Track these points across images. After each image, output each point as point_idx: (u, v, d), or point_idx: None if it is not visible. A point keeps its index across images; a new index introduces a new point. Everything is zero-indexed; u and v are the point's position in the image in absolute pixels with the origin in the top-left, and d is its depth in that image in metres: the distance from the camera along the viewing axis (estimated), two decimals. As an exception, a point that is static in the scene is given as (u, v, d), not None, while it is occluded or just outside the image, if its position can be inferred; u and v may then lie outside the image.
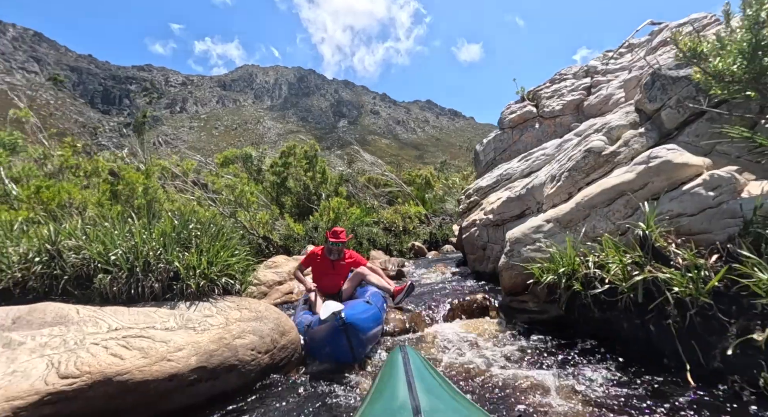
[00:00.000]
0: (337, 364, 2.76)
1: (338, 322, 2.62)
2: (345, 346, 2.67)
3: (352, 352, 2.70)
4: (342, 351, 2.70)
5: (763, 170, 2.79)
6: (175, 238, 2.99)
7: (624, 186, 2.89)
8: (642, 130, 3.29)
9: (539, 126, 6.82)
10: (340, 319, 2.62)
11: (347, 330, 2.63)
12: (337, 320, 2.62)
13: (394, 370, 1.34)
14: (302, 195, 11.99)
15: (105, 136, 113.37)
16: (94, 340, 2.05)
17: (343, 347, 2.68)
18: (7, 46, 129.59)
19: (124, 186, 7.05)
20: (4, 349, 1.90)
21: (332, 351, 2.77)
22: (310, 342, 2.94)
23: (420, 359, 1.45)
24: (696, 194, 2.53)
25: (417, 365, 1.35)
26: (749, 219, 2.19)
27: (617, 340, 2.54)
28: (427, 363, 1.47)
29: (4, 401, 1.61)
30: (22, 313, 2.23)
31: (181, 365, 2.12)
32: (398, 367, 1.33)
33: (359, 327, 2.71)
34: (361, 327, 2.73)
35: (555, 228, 3.21)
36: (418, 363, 1.38)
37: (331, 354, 2.79)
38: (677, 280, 2.09)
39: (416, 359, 1.42)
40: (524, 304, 3.32)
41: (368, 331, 2.84)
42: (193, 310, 2.65)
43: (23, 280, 2.65)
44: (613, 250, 2.54)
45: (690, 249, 2.29)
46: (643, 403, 1.85)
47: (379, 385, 1.34)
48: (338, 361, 2.76)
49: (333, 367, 2.77)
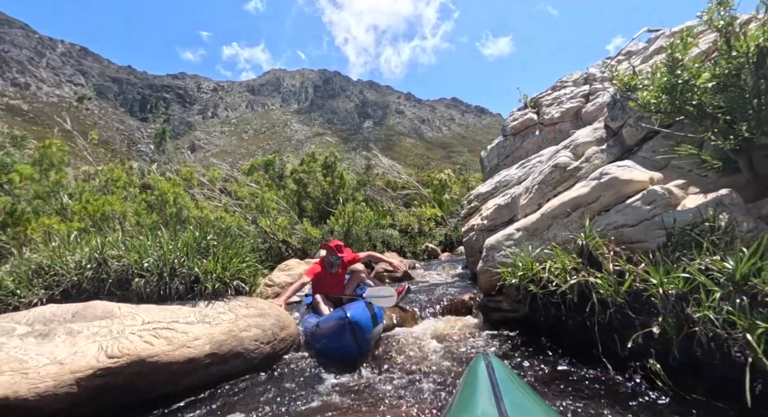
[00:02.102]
0: (343, 359, 3.06)
1: (344, 321, 2.96)
2: (351, 343, 3.00)
3: (358, 348, 3.03)
4: (348, 347, 3.01)
5: (708, 183, 3.07)
6: (196, 248, 3.59)
7: (580, 199, 3.24)
8: (604, 146, 3.61)
9: (540, 133, 7.09)
10: (346, 318, 2.96)
11: (353, 328, 2.97)
12: (344, 319, 2.96)
13: (478, 380, 1.26)
14: (321, 200, 12.62)
15: (143, 143, 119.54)
16: (131, 331, 2.65)
17: (349, 344, 3.00)
18: (56, 61, 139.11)
19: (156, 197, 7.86)
20: (68, 336, 2.53)
21: (339, 347, 3.07)
22: (317, 340, 3.26)
23: (505, 368, 1.36)
24: (636, 208, 2.87)
25: (502, 375, 1.26)
26: (670, 231, 2.52)
27: (565, 335, 2.91)
28: (512, 372, 1.38)
29: (69, 373, 2.22)
30: (78, 309, 2.87)
31: (198, 351, 2.68)
32: (482, 378, 1.25)
33: (363, 325, 3.03)
34: (364, 325, 3.05)
35: (524, 236, 3.58)
36: (503, 373, 1.29)
37: (339, 350, 3.09)
38: (601, 284, 2.45)
39: (501, 368, 1.32)
40: (499, 304, 3.71)
41: (371, 329, 3.20)
42: (210, 308, 3.22)
43: (78, 283, 3.32)
44: (561, 257, 2.91)
45: (622, 257, 2.64)
46: (561, 385, 2.25)
47: (462, 396, 1.26)
48: (344, 357, 3.06)
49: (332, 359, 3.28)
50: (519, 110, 7.80)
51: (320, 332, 3.23)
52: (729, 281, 1.85)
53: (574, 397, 2.12)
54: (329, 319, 3.15)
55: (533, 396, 1.21)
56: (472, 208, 6.80)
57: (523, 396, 1.17)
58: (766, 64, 2.23)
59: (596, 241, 2.75)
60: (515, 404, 1.08)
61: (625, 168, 3.12)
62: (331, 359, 3.14)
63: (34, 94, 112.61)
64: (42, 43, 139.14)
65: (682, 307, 2.00)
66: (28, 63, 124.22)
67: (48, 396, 2.11)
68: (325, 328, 3.18)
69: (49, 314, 2.82)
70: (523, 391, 1.21)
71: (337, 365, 3.03)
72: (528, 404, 1.13)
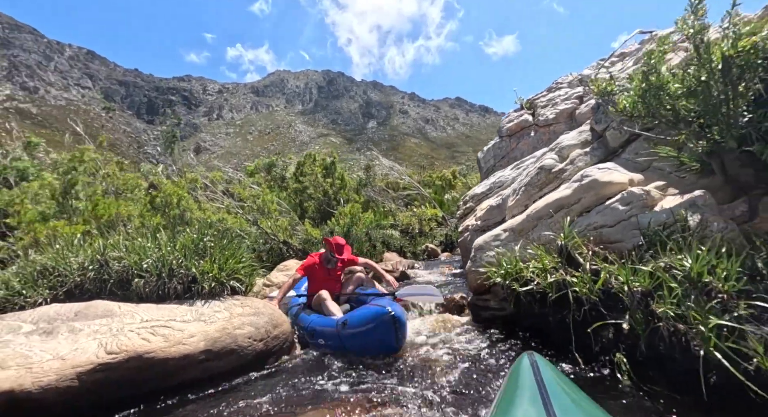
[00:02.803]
0: (382, 354, 3.14)
1: (388, 317, 3.03)
2: (393, 338, 3.09)
3: (398, 342, 3.14)
4: (390, 342, 3.11)
5: (686, 185, 3.15)
6: (193, 249, 3.73)
7: (563, 201, 3.33)
8: (588, 149, 3.70)
9: (535, 134, 7.16)
10: (389, 313, 3.03)
11: (395, 323, 3.07)
12: (386, 314, 3.04)
13: (523, 380, 1.19)
14: (322, 201, 12.77)
15: (150, 145, 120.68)
16: (130, 328, 2.79)
17: (392, 339, 3.09)
18: (64, 65, 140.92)
19: (161, 198, 8.05)
20: (70, 333, 2.68)
21: (381, 343, 3.13)
22: (347, 338, 3.24)
23: (552, 369, 1.27)
24: (614, 209, 2.96)
25: (549, 376, 1.18)
26: (644, 231, 2.61)
27: (547, 332, 3.01)
28: (559, 372, 1.29)
29: (71, 368, 2.36)
30: (81, 309, 3.02)
31: (192, 348, 2.81)
32: (527, 378, 1.18)
33: (403, 320, 3.14)
34: (404, 320, 3.17)
35: (510, 236, 3.68)
36: (550, 374, 1.21)
37: (380, 346, 3.15)
38: (577, 282, 2.55)
39: (548, 369, 1.24)
40: (487, 303, 3.81)
41: (406, 323, 3.29)
42: (206, 307, 3.36)
43: (81, 284, 3.48)
44: (542, 257, 3.01)
45: (599, 256, 2.73)
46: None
47: (504, 398, 1.19)
48: (385, 352, 3.14)
49: (318, 353, 3.41)
50: (515, 111, 7.88)
51: (352, 330, 3.21)
52: (686, 279, 1.95)
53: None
54: (365, 316, 3.17)
55: (583, 397, 1.15)
56: (467, 208, 6.89)
57: (573, 397, 1.11)
58: (731, 72, 2.31)
59: (575, 241, 2.84)
60: (565, 406, 1.01)
61: (605, 170, 3.21)
62: (367, 355, 3.18)
63: (42, 97, 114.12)
64: (50, 47, 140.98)
65: (647, 303, 2.10)
66: (36, 67, 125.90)
67: (50, 389, 2.26)
68: (361, 325, 3.17)
69: (53, 313, 2.97)
70: (573, 392, 1.15)
71: (328, 361, 3.16)
72: (578, 406, 1.06)
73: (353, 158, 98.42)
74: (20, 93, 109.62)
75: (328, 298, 3.85)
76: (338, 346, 3.34)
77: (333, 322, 3.42)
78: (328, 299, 3.84)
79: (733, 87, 2.38)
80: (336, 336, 3.32)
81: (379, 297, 3.84)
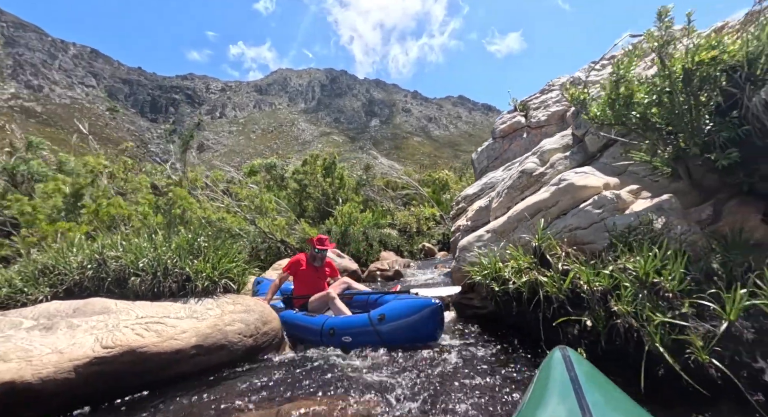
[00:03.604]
0: (426, 342, 3.26)
1: (437, 307, 3.19)
2: (437, 327, 3.27)
3: (439, 331, 3.32)
4: (434, 331, 3.27)
5: (659, 188, 3.27)
6: (188, 249, 3.89)
7: (541, 204, 3.46)
8: (568, 153, 3.82)
9: (527, 135, 7.26)
10: (437, 304, 3.20)
11: (441, 313, 3.25)
12: (434, 305, 3.19)
13: (555, 375, 1.15)
14: (321, 200, 12.93)
15: (153, 144, 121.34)
16: (125, 324, 2.94)
17: (436, 327, 3.27)
18: (68, 64, 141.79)
19: (166, 201, 8.22)
20: (68, 329, 2.84)
21: (427, 332, 3.27)
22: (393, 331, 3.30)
23: (585, 362, 1.22)
24: (587, 211, 3.09)
25: (582, 370, 1.13)
26: (612, 233, 2.74)
27: (527, 329, 3.14)
28: (593, 367, 1.24)
29: (68, 361, 2.52)
30: (79, 306, 3.18)
31: (184, 343, 2.97)
32: (559, 373, 1.14)
33: (443, 310, 3.33)
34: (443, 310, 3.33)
35: (492, 237, 3.81)
36: (583, 367, 1.16)
37: (426, 335, 3.28)
38: (547, 282, 2.69)
39: (581, 363, 1.19)
40: (471, 301, 3.95)
41: None
42: (199, 304, 3.51)
43: (80, 282, 3.64)
44: (518, 257, 3.15)
45: (571, 257, 2.86)
46: (503, 371, 2.50)
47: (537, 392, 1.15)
48: (429, 340, 3.27)
49: (308, 349, 3.56)
50: (508, 113, 7.99)
51: (394, 323, 3.30)
52: (636, 279, 2.08)
53: (508, 381, 2.37)
54: (409, 308, 3.29)
55: (619, 393, 1.11)
56: (459, 208, 7.02)
57: (608, 393, 1.07)
58: (692, 83, 2.43)
59: (550, 243, 2.97)
60: (599, 402, 0.97)
61: (582, 174, 3.33)
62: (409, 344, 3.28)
63: (47, 96, 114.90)
64: (54, 46, 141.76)
65: (606, 302, 2.23)
66: (41, 65, 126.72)
67: (49, 381, 2.41)
68: (404, 317, 3.29)
69: (53, 310, 3.14)
70: (607, 388, 1.11)
71: (317, 357, 3.31)
72: (614, 402, 1.03)
73: (356, 156, 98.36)
74: (25, 91, 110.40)
75: (337, 298, 3.95)
76: (373, 341, 3.36)
77: (364, 318, 3.45)
78: (336, 298, 3.94)
79: (695, 97, 2.50)
80: (371, 331, 3.36)
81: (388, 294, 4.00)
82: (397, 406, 2.23)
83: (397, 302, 3.44)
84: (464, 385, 2.43)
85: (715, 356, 1.75)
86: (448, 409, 2.12)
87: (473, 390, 2.33)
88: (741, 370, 1.70)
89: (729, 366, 1.70)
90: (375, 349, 3.28)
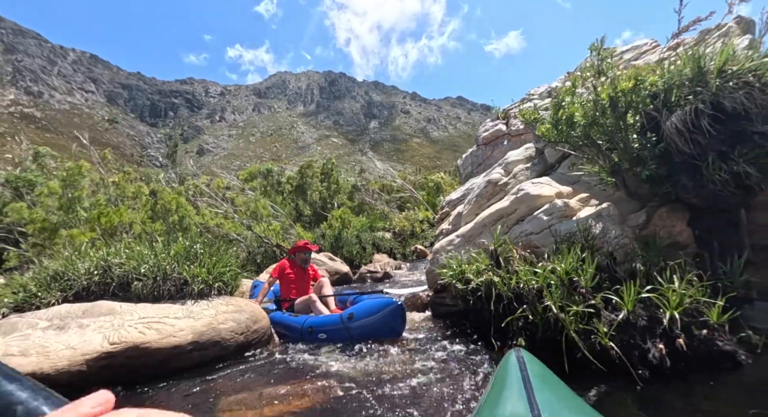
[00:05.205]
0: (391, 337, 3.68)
1: (399, 305, 3.64)
2: (401, 323, 3.71)
3: (403, 326, 3.74)
4: (399, 327, 3.71)
5: (606, 197, 3.65)
6: (185, 255, 4.27)
7: (503, 211, 3.84)
8: (530, 164, 4.20)
9: (507, 143, 7.64)
10: (399, 303, 3.65)
11: (403, 311, 3.70)
12: (397, 303, 3.63)
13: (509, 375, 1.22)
14: (317, 204, 13.32)
15: (153, 148, 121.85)
16: (129, 324, 3.32)
17: (401, 324, 3.71)
18: (68, 69, 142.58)
19: (161, 205, 8.60)
20: (79, 328, 3.22)
21: (392, 328, 3.69)
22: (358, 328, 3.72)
23: (537, 364, 1.30)
24: (539, 218, 3.46)
25: (535, 371, 1.21)
26: (557, 238, 3.12)
27: (484, 324, 3.51)
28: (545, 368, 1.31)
29: (80, 355, 2.90)
30: (88, 308, 3.56)
31: (182, 340, 3.35)
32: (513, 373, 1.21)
33: (405, 308, 3.78)
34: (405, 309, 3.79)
35: (461, 242, 4.19)
36: (535, 368, 1.24)
37: (391, 330, 3.69)
38: (499, 281, 3.06)
39: (533, 364, 1.27)
40: (443, 300, 4.32)
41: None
42: (195, 306, 3.89)
43: (88, 287, 4.02)
44: (477, 260, 3.52)
45: (523, 259, 3.24)
46: (459, 361, 2.87)
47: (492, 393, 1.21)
48: (394, 335, 3.69)
49: (292, 345, 3.93)
50: (491, 121, 8.37)
51: (361, 321, 3.71)
52: (558, 278, 2.45)
53: (462, 371, 2.74)
54: (374, 307, 3.71)
55: (567, 392, 1.16)
56: (443, 213, 7.38)
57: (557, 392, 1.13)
58: (617, 108, 2.82)
59: (506, 247, 3.35)
60: (548, 400, 1.04)
61: (537, 184, 3.71)
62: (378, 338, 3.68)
63: (46, 101, 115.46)
64: (54, 52, 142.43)
65: (541, 297, 2.60)
66: (40, 71, 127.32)
67: (64, 372, 2.80)
68: (370, 315, 3.70)
69: (64, 312, 3.52)
70: (557, 387, 1.16)
71: (300, 352, 3.69)
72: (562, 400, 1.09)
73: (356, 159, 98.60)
74: (25, 97, 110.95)
75: (318, 300, 4.44)
76: (343, 338, 3.80)
77: (336, 317, 3.89)
78: (317, 301, 4.43)
79: (622, 120, 2.88)
80: (342, 329, 3.79)
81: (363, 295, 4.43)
82: (359, 393, 2.61)
83: (365, 302, 3.86)
84: (419, 371, 2.81)
85: (616, 340, 2.12)
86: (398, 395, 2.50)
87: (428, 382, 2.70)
88: (633, 350, 2.08)
89: (624, 347, 2.07)
90: (346, 344, 3.68)
